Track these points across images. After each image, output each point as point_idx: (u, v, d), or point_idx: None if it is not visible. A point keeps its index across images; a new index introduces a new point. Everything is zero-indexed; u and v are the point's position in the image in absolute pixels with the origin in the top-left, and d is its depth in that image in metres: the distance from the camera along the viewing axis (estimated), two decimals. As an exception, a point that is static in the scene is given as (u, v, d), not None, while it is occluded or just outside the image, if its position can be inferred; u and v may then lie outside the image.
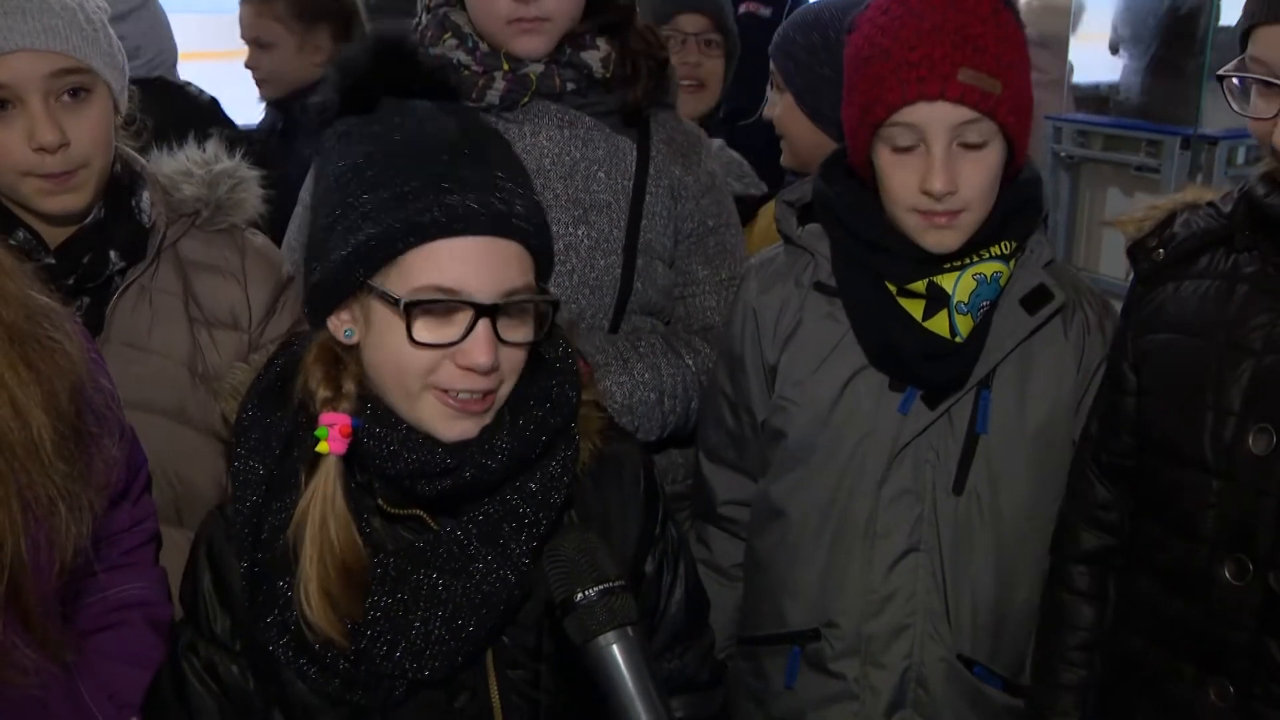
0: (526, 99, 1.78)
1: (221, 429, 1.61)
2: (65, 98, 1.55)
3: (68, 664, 1.37)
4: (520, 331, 1.27)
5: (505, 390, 1.29)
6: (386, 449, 1.26)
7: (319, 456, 1.27)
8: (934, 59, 1.46)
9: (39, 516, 1.23)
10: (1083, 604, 1.60)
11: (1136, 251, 1.54)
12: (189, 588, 1.39)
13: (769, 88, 2.21)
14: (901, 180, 1.52)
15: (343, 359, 1.30)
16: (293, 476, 1.29)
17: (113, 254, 1.64)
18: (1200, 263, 1.47)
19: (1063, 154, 5.06)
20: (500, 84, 1.77)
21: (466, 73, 1.77)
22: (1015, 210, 1.58)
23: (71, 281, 1.60)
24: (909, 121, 1.48)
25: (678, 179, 1.89)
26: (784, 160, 2.20)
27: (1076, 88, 5.67)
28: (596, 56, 1.80)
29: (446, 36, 1.80)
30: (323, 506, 1.25)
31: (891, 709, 1.63)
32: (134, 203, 1.68)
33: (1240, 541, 1.37)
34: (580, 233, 1.80)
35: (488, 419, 1.28)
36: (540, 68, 1.78)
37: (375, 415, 1.27)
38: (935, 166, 1.48)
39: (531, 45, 1.78)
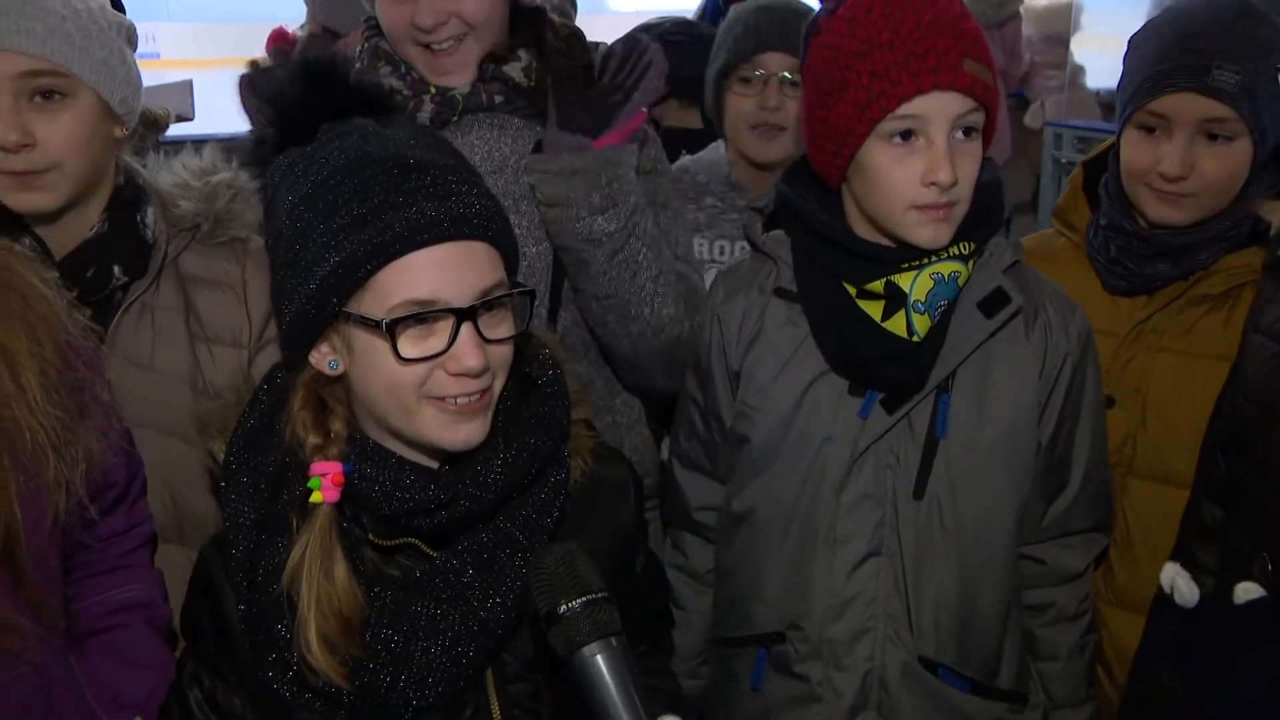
0: (456, 117, 1.80)
1: (212, 467, 1.59)
2: (38, 99, 1.55)
3: (67, 649, 1.37)
4: (502, 328, 1.27)
5: (498, 386, 1.29)
6: (380, 490, 1.26)
7: (311, 501, 1.27)
8: (940, 50, 1.45)
9: (26, 464, 1.22)
10: None
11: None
12: (189, 621, 1.39)
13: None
14: (902, 175, 1.49)
15: (328, 401, 1.30)
16: (284, 520, 1.29)
17: (116, 269, 1.64)
18: None
19: (1063, 160, 5.05)
20: (429, 106, 1.79)
21: (399, 97, 1.78)
22: (982, 212, 1.56)
23: (75, 294, 1.57)
24: (914, 114, 1.47)
25: None
26: None
27: (1096, 94, 5.65)
28: (518, 68, 1.81)
29: (381, 64, 1.82)
30: (320, 555, 1.25)
31: (854, 711, 1.63)
32: (138, 218, 1.68)
33: None
34: (510, 222, 1.81)
35: (487, 418, 1.28)
36: (466, 87, 1.79)
37: (365, 454, 1.28)
38: (940, 158, 1.47)
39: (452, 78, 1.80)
